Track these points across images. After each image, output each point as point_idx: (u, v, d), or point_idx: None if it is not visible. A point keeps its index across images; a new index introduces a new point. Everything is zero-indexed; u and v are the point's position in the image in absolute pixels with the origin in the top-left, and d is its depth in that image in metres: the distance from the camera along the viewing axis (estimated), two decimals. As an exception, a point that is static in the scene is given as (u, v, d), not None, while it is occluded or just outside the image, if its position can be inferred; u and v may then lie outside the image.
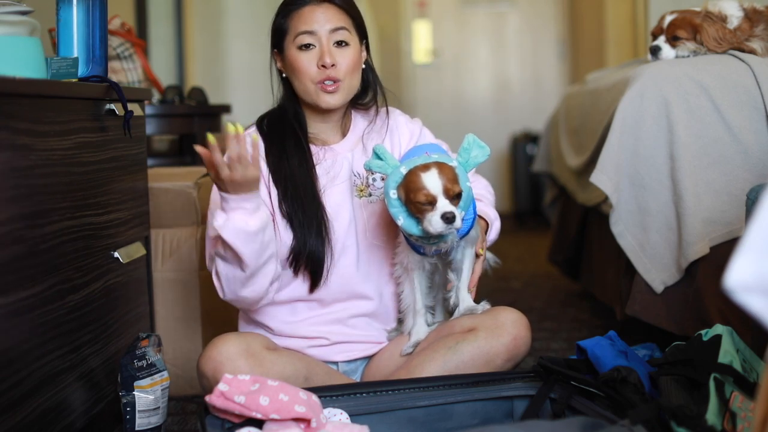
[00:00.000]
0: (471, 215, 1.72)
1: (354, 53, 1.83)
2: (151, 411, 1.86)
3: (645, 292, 2.24)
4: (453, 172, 1.64)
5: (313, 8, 1.82)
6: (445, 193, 1.61)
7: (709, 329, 1.64)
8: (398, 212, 1.67)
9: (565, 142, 3.11)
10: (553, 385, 1.61)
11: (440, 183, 1.61)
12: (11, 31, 1.66)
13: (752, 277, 0.78)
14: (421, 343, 1.84)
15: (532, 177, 5.49)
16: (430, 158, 1.65)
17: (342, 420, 1.56)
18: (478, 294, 1.87)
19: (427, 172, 1.62)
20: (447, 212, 1.60)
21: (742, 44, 2.32)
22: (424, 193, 1.61)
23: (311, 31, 1.80)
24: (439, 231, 1.61)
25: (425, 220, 1.62)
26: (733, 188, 2.13)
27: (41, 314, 1.56)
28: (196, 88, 3.14)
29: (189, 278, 2.27)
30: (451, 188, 1.61)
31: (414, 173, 1.63)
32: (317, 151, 1.88)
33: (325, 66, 1.79)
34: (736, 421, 1.38)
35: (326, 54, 1.79)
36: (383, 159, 1.68)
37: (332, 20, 1.81)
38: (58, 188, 1.63)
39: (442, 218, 1.60)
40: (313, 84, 1.81)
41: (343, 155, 1.89)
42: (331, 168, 1.87)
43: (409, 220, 1.66)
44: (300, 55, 1.81)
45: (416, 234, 1.67)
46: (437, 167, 1.63)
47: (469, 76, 6.66)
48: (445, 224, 1.60)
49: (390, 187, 1.66)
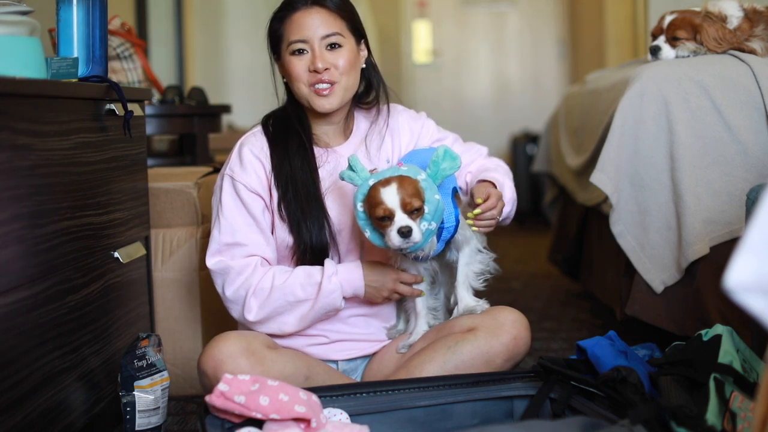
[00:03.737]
0: (452, 222, 1.73)
1: (348, 54, 1.82)
2: (151, 411, 1.86)
3: (645, 292, 2.24)
4: (415, 186, 1.65)
5: (304, 14, 1.81)
6: (402, 207, 1.63)
7: (709, 329, 1.64)
8: (365, 225, 1.69)
9: (565, 142, 3.11)
10: (553, 385, 1.61)
11: (398, 197, 1.62)
12: (11, 31, 1.66)
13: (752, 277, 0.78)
14: (420, 343, 1.85)
15: (532, 177, 5.50)
16: (398, 170, 1.67)
17: (342, 420, 1.56)
18: (478, 294, 1.86)
19: (386, 187, 1.64)
20: (402, 227, 1.62)
21: (742, 44, 2.32)
22: (382, 207, 1.63)
23: (302, 39, 1.80)
24: (397, 246, 1.64)
25: (385, 234, 1.65)
26: (733, 188, 2.13)
27: (41, 314, 1.56)
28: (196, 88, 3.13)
29: (189, 278, 2.27)
30: (410, 202, 1.62)
31: (374, 188, 1.65)
32: (320, 154, 1.89)
33: (317, 71, 1.79)
34: (736, 421, 1.38)
35: (318, 59, 1.79)
36: (355, 170, 1.69)
37: (323, 25, 1.80)
38: (58, 188, 1.63)
39: (398, 233, 1.62)
40: (307, 88, 1.81)
41: (346, 158, 1.89)
42: (334, 171, 1.87)
43: (373, 234, 1.69)
44: (293, 61, 1.81)
45: (381, 246, 1.70)
46: (398, 181, 1.64)
47: (469, 76, 6.66)
48: (401, 238, 1.62)
49: (357, 200, 1.68)
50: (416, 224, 1.63)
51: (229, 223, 1.80)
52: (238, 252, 1.80)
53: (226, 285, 1.80)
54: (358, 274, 1.79)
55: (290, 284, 1.77)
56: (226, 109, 3.22)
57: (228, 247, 1.80)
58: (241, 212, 1.81)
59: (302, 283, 1.77)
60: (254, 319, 1.79)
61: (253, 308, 1.78)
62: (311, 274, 1.79)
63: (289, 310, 1.79)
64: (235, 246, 1.80)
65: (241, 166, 1.82)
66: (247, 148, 1.84)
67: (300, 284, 1.77)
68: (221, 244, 1.80)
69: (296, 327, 1.81)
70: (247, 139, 1.87)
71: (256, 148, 1.84)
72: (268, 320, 1.79)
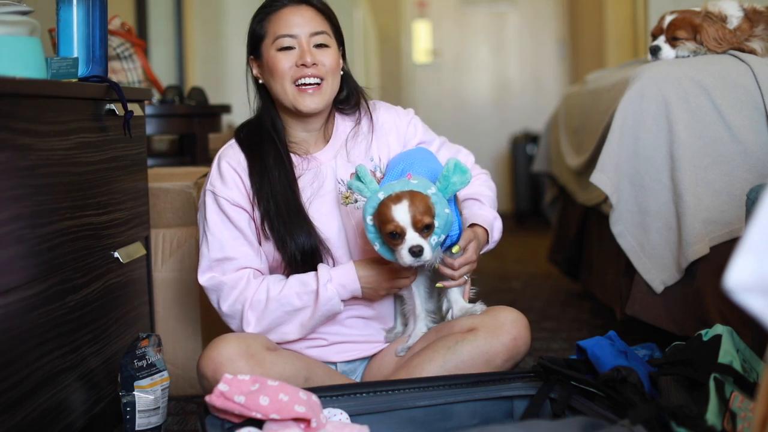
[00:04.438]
0: (456, 231, 1.72)
1: (334, 54, 1.82)
2: (151, 411, 1.86)
3: (645, 292, 2.24)
4: (426, 202, 1.63)
5: (291, 11, 1.80)
6: (414, 225, 1.61)
7: (709, 329, 1.64)
8: (374, 239, 1.68)
9: (565, 142, 3.11)
10: (553, 385, 1.61)
11: (409, 215, 1.61)
12: (11, 31, 1.66)
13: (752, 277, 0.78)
14: (420, 343, 1.84)
15: (532, 177, 5.49)
16: (408, 184, 1.64)
17: (342, 420, 1.56)
18: (477, 294, 1.87)
19: (397, 204, 1.62)
20: (413, 246, 1.61)
21: (742, 44, 2.32)
22: (394, 224, 1.62)
23: (291, 35, 1.79)
24: (407, 264, 1.63)
25: (395, 251, 1.64)
26: (733, 188, 2.13)
27: (41, 314, 1.56)
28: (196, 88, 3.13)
29: (189, 278, 2.27)
30: (421, 220, 1.61)
31: (385, 204, 1.63)
32: (299, 162, 1.86)
33: (306, 65, 1.77)
34: (736, 421, 1.38)
35: (307, 53, 1.78)
36: (363, 181, 1.68)
37: (311, 23, 1.80)
38: (58, 188, 1.63)
39: (410, 252, 1.61)
40: (292, 85, 1.80)
41: (326, 164, 1.87)
42: (314, 179, 1.85)
43: (383, 248, 1.68)
44: (278, 56, 1.79)
45: (390, 260, 1.69)
46: (409, 198, 1.62)
47: (469, 76, 6.66)
48: (412, 257, 1.62)
49: (367, 213, 1.66)
50: (427, 242, 1.62)
51: (217, 239, 1.80)
52: (229, 266, 1.79)
53: (221, 300, 1.80)
54: (353, 277, 1.78)
55: (285, 294, 1.76)
56: (226, 109, 3.22)
57: (218, 262, 1.80)
58: (227, 226, 1.80)
59: (298, 291, 1.77)
60: (254, 332, 1.79)
61: (252, 321, 1.78)
62: (305, 282, 1.77)
63: (288, 320, 1.78)
64: (225, 261, 1.79)
65: (222, 180, 1.81)
66: (225, 162, 1.82)
67: (296, 293, 1.77)
68: (211, 261, 1.80)
69: (299, 334, 1.80)
70: (225, 153, 1.85)
71: (234, 162, 1.82)
72: (269, 332, 1.79)
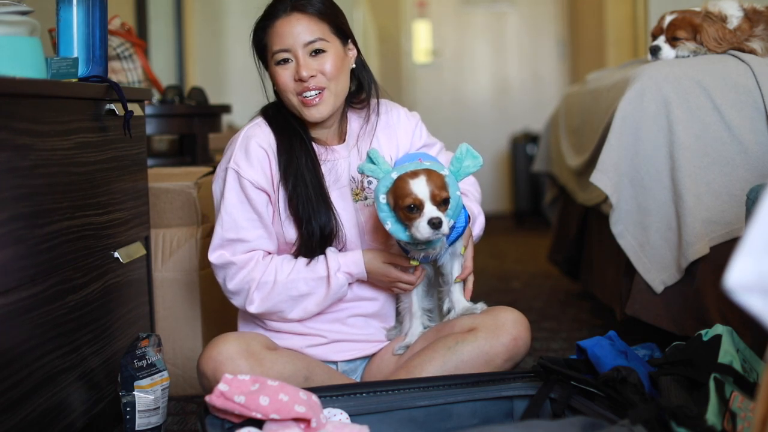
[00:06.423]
0: (462, 223, 1.73)
1: (334, 58, 1.80)
2: (151, 411, 1.86)
3: (645, 292, 2.24)
4: (442, 179, 1.65)
5: (284, 22, 1.79)
6: (432, 199, 1.62)
7: (709, 329, 1.64)
8: (386, 217, 1.68)
9: (565, 142, 3.11)
10: (553, 385, 1.61)
11: (428, 189, 1.62)
12: (11, 31, 1.66)
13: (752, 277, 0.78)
14: (420, 343, 1.85)
15: (532, 177, 5.49)
16: (421, 165, 1.67)
17: (342, 420, 1.56)
18: (477, 294, 1.87)
19: (415, 178, 1.64)
20: (433, 218, 1.62)
21: (742, 44, 2.32)
22: (412, 198, 1.62)
23: (285, 48, 1.79)
24: (426, 237, 1.63)
25: (413, 226, 1.64)
26: (733, 188, 2.13)
27: (41, 314, 1.56)
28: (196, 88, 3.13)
29: (189, 278, 2.27)
30: (439, 194, 1.63)
31: (402, 179, 1.65)
32: (321, 151, 1.88)
33: (302, 79, 1.77)
34: (736, 421, 1.38)
35: (302, 67, 1.77)
36: (376, 163, 1.69)
37: (305, 32, 1.78)
38: (58, 188, 1.63)
39: (429, 224, 1.62)
40: (296, 98, 1.80)
41: (343, 158, 1.89)
42: (333, 169, 1.87)
43: (396, 226, 1.68)
44: (278, 71, 1.80)
45: (404, 240, 1.69)
46: (426, 174, 1.64)
47: (469, 76, 6.65)
48: (431, 230, 1.62)
49: (380, 191, 1.67)
50: (444, 216, 1.63)
51: (233, 219, 1.80)
52: (240, 248, 1.80)
53: (227, 279, 1.81)
54: (360, 269, 1.81)
55: (293, 279, 1.78)
56: (226, 109, 3.22)
57: (230, 242, 1.80)
58: (244, 208, 1.80)
59: (305, 277, 1.79)
60: (256, 311, 1.81)
61: (255, 301, 1.79)
62: (314, 269, 1.79)
63: (293, 305, 1.80)
64: (238, 242, 1.80)
65: (248, 161, 1.79)
66: (255, 142, 1.81)
67: (303, 278, 1.79)
68: (224, 240, 1.80)
69: (299, 317, 1.83)
70: (252, 132, 1.83)
71: (264, 143, 1.81)
72: (270, 312, 1.81)
